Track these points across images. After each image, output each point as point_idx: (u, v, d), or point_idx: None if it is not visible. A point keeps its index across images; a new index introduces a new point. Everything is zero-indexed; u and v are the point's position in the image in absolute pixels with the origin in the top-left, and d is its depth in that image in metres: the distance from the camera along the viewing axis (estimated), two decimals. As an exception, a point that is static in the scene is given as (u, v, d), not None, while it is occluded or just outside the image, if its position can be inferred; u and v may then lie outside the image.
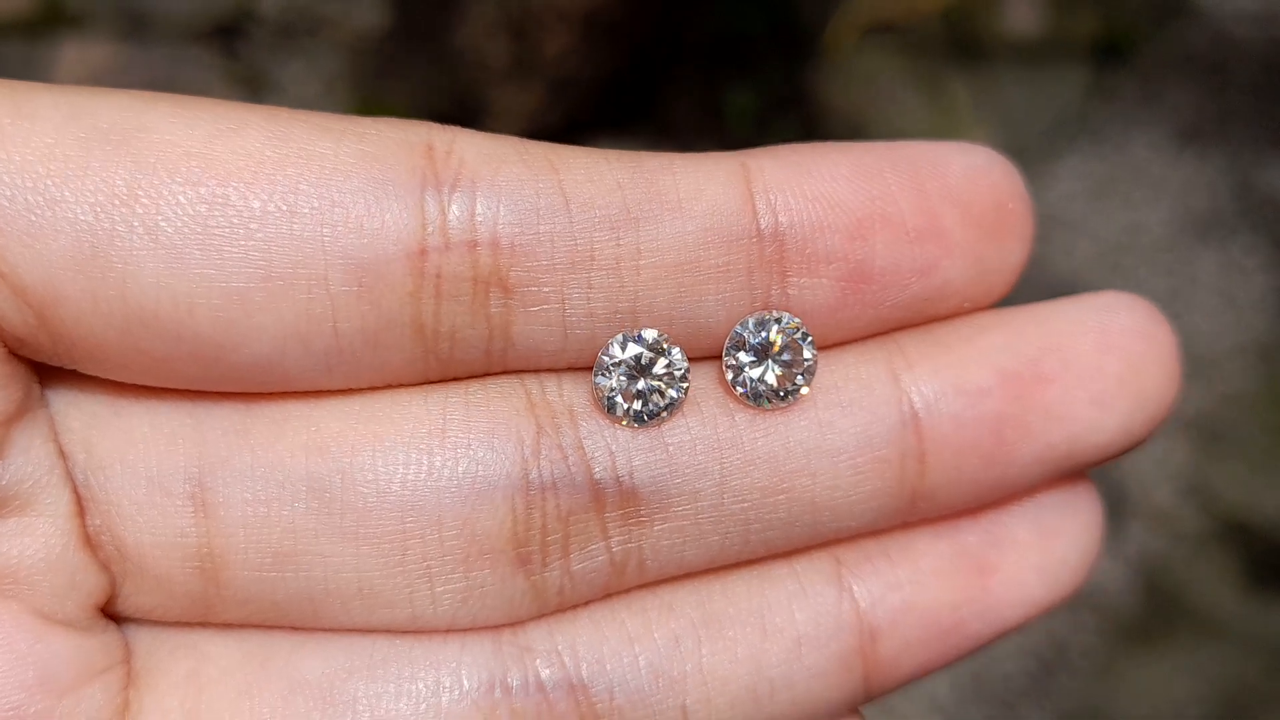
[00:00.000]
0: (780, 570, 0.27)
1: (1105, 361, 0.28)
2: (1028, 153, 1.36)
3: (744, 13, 1.41)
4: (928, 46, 1.44)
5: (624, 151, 0.25)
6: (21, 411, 0.24)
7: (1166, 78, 1.42)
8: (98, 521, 0.24)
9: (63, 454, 0.24)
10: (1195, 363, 1.25)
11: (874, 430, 0.26)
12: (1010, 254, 0.27)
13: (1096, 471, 0.30)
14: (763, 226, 0.25)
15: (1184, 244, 1.31)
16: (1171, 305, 1.27)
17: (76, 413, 0.25)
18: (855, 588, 0.27)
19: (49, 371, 0.25)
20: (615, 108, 1.34)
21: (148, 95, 0.24)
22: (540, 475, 0.25)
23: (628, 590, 0.27)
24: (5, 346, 0.23)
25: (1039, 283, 1.27)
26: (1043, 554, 0.28)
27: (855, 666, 0.27)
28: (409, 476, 0.25)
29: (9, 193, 0.22)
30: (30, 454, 0.24)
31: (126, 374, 0.24)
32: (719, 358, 0.26)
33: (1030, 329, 0.28)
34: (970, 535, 0.28)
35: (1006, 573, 0.28)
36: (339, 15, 1.38)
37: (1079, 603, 1.14)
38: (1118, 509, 1.18)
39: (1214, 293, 1.28)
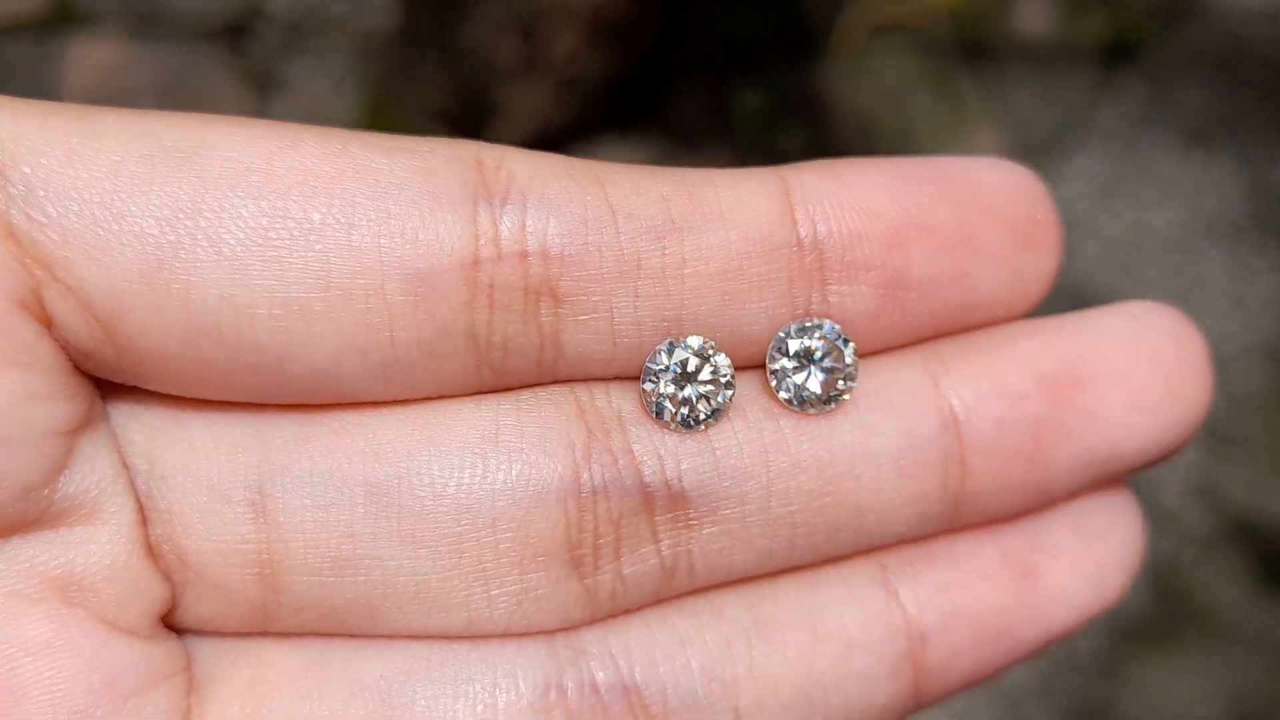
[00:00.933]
0: (828, 575, 0.28)
1: (1140, 367, 0.28)
2: (1036, 152, 1.36)
3: (752, 13, 1.41)
4: (937, 47, 1.44)
5: (667, 168, 0.26)
6: (86, 424, 0.24)
7: (1175, 78, 1.42)
8: (160, 531, 0.25)
9: (125, 465, 0.25)
10: (1204, 363, 1.24)
11: (916, 433, 0.27)
12: (1042, 263, 0.28)
13: None
14: (803, 236, 0.26)
15: (1193, 244, 1.31)
16: (1180, 306, 1.27)
17: (138, 425, 0.25)
18: (901, 591, 0.28)
19: (111, 387, 0.25)
20: (623, 108, 1.34)
21: (210, 116, 0.25)
22: (592, 479, 0.25)
23: (678, 596, 0.27)
24: (72, 360, 0.24)
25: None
26: (1086, 559, 0.29)
27: (905, 673, 0.27)
28: (464, 480, 0.25)
29: (76, 208, 0.23)
30: (95, 464, 0.24)
31: (189, 387, 0.25)
32: (762, 365, 0.27)
33: (1065, 336, 0.28)
34: (1013, 539, 0.28)
35: (1051, 577, 0.28)
36: (348, 14, 1.38)
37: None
38: (1126, 509, 1.18)
39: (1223, 293, 1.28)
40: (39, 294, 0.23)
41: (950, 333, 0.28)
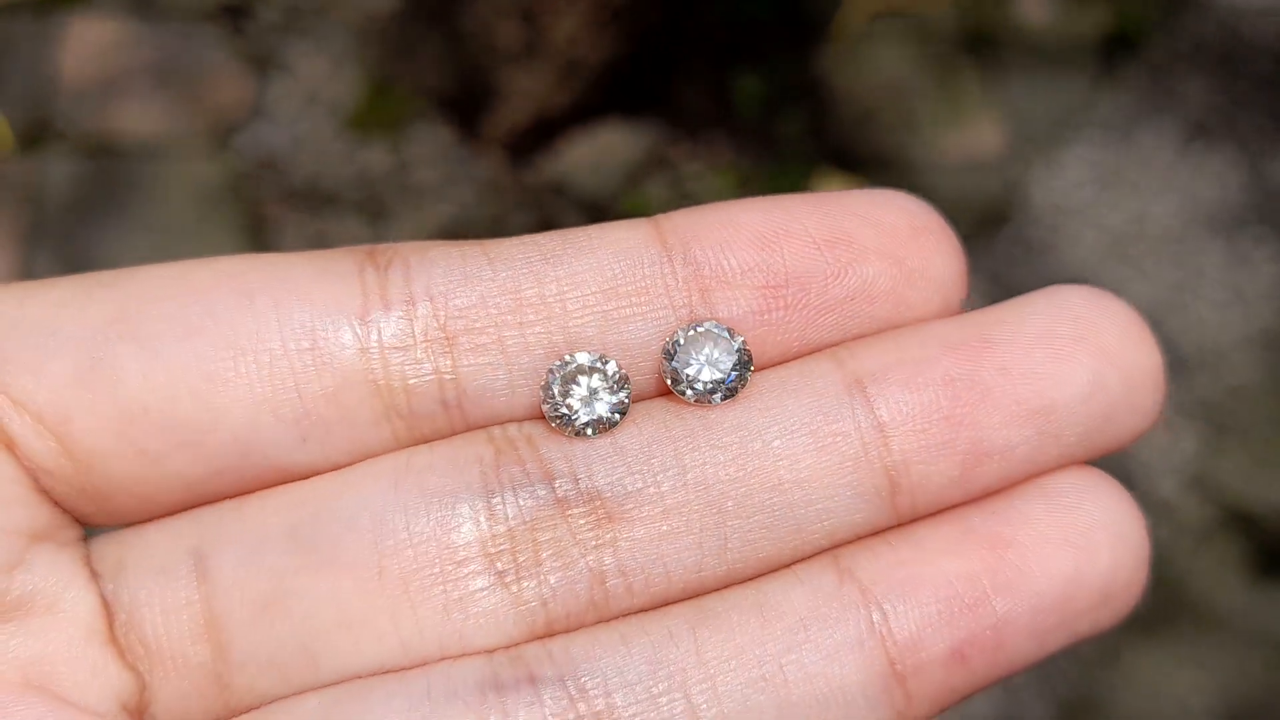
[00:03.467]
0: (774, 574, 0.27)
1: (1053, 323, 0.28)
2: (1036, 142, 1.36)
3: (753, -1, 1.41)
4: (938, 35, 1.44)
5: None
6: (47, 535, 0.27)
7: (1175, 70, 1.42)
8: (123, 619, 0.27)
9: (95, 574, 0.27)
10: (1201, 354, 1.25)
11: (823, 403, 0.27)
12: (936, 259, 0.28)
13: (1097, 463, 0.29)
14: (672, 250, 0.27)
15: (1192, 235, 1.31)
16: (1179, 296, 1.28)
17: (110, 543, 0.28)
18: (856, 571, 0.27)
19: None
20: (624, 93, 1.34)
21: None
22: (500, 484, 0.26)
23: (625, 615, 0.27)
24: (34, 477, 0.26)
25: (1046, 273, 1.27)
26: (1063, 525, 0.27)
27: (872, 648, 0.26)
28: (375, 503, 0.26)
29: (20, 335, 0.26)
30: (54, 567, 0.26)
31: (135, 484, 0.27)
32: (658, 375, 0.27)
33: (972, 314, 0.28)
34: (975, 516, 0.28)
35: (1024, 544, 0.27)
36: (348, -4, 1.38)
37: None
38: (1122, 499, 1.18)
39: (1221, 284, 1.28)
40: None
41: (862, 331, 0.28)
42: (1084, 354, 0.27)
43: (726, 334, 0.27)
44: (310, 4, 1.39)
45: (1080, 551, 0.27)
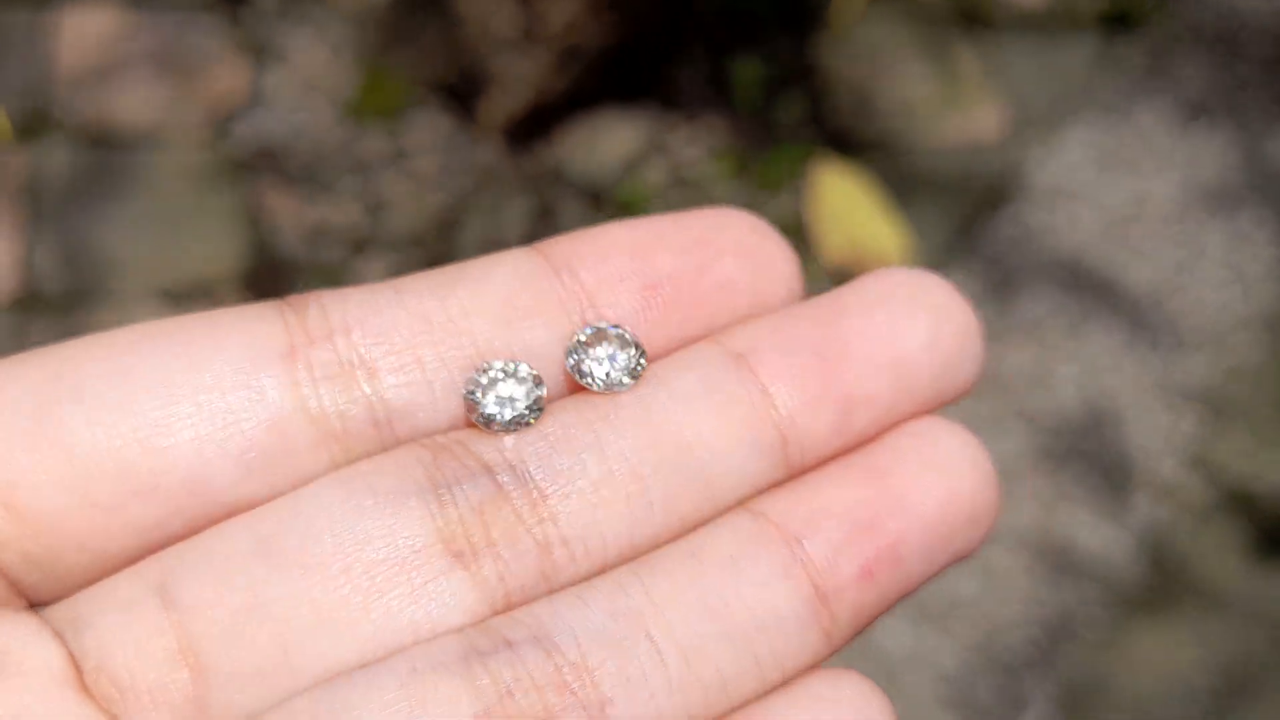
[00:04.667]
0: (699, 530, 0.30)
1: (890, 291, 0.32)
2: (1035, 123, 1.36)
3: (751, -18, 1.41)
4: (935, 17, 1.44)
5: None
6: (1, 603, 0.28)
7: (1174, 49, 1.42)
8: (92, 664, 0.27)
9: (56, 634, 0.28)
10: (1201, 334, 1.25)
11: (712, 376, 0.30)
12: (779, 255, 0.32)
13: (1098, 444, 0.31)
14: (557, 267, 0.30)
15: (1191, 216, 1.31)
16: (1179, 277, 1.28)
17: (65, 607, 0.28)
18: (766, 512, 0.30)
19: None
20: (621, 79, 1.34)
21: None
22: (445, 477, 0.28)
23: (573, 583, 0.29)
24: None
25: (1046, 254, 1.27)
26: (929, 454, 0.31)
27: (797, 574, 0.29)
28: (333, 510, 0.28)
29: None
30: (14, 630, 0.27)
31: (88, 538, 0.28)
32: (566, 376, 0.31)
33: (819, 296, 0.32)
34: (854, 458, 0.31)
35: (901, 474, 0.31)
36: (345, -17, 1.38)
37: (1083, 573, 1.14)
38: (1123, 480, 1.18)
39: (1221, 265, 1.29)
40: None
41: (723, 325, 0.32)
42: (920, 313, 0.31)
43: (617, 330, 0.30)
44: (307, -9, 1.39)
45: (948, 477, 0.31)
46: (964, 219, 1.30)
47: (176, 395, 0.28)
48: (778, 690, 0.29)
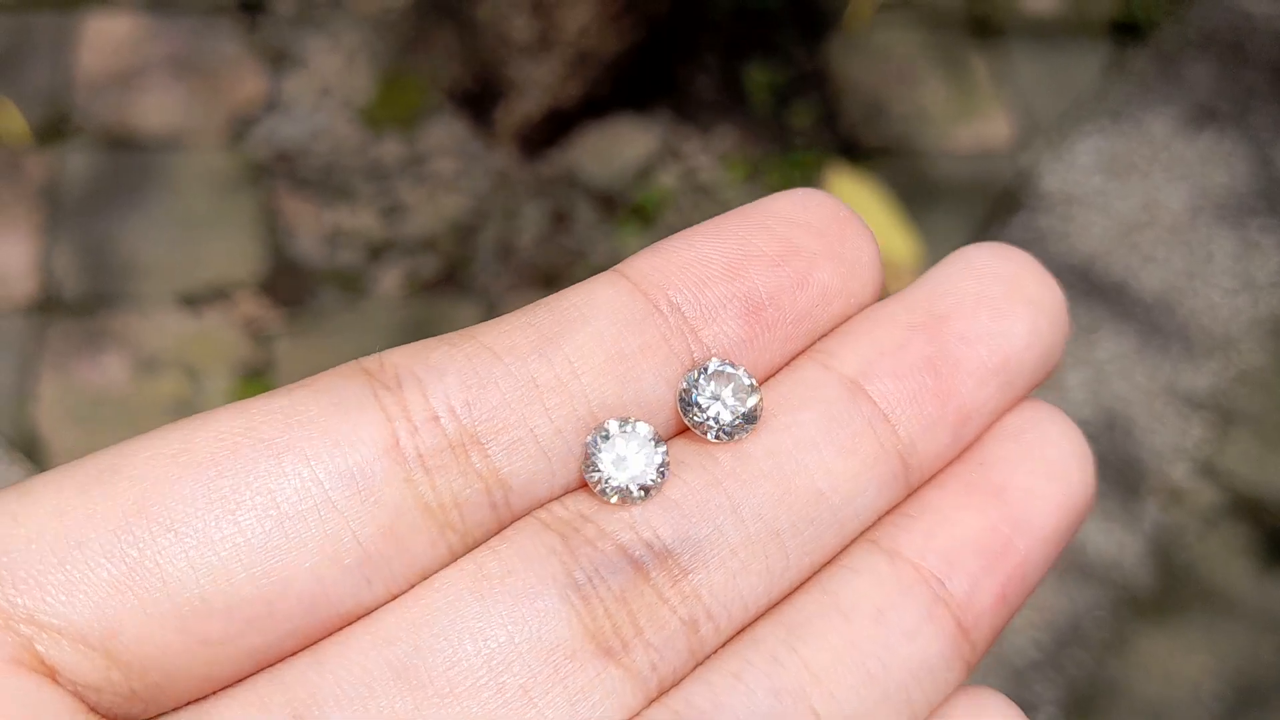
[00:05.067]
0: (829, 571, 0.29)
1: (985, 286, 0.31)
2: (1045, 130, 1.37)
3: (764, -11, 1.41)
4: (947, 23, 1.44)
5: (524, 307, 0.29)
6: None
7: (1185, 57, 1.42)
8: None
9: None
10: (1211, 341, 1.25)
11: (833, 412, 0.29)
12: (863, 248, 0.30)
13: (1108, 450, 0.31)
14: (658, 303, 0.28)
15: (1201, 223, 1.32)
16: (1188, 283, 1.28)
17: None
18: (900, 550, 0.29)
19: None
20: (636, 84, 1.35)
21: (121, 443, 0.26)
22: (582, 569, 0.27)
23: (716, 652, 0.28)
24: (85, 702, 0.25)
25: (1057, 260, 1.28)
26: (1038, 459, 0.30)
27: (941, 617, 0.29)
28: (474, 623, 0.26)
29: (38, 558, 0.24)
30: None
31: (199, 669, 0.26)
32: (680, 423, 0.29)
33: (911, 293, 0.31)
34: (967, 470, 0.30)
35: (1016, 484, 0.30)
36: (362, -10, 1.39)
37: (1093, 577, 1.14)
38: (1133, 485, 1.18)
39: (1230, 272, 1.29)
40: (32, 649, 0.24)
41: (821, 335, 0.30)
42: (1019, 308, 0.31)
43: (730, 368, 0.28)
44: (324, -2, 1.39)
45: (1064, 482, 0.30)
46: (975, 225, 1.31)
47: (283, 515, 0.25)
48: None
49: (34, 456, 1.14)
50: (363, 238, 1.27)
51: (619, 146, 1.33)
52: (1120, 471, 1.19)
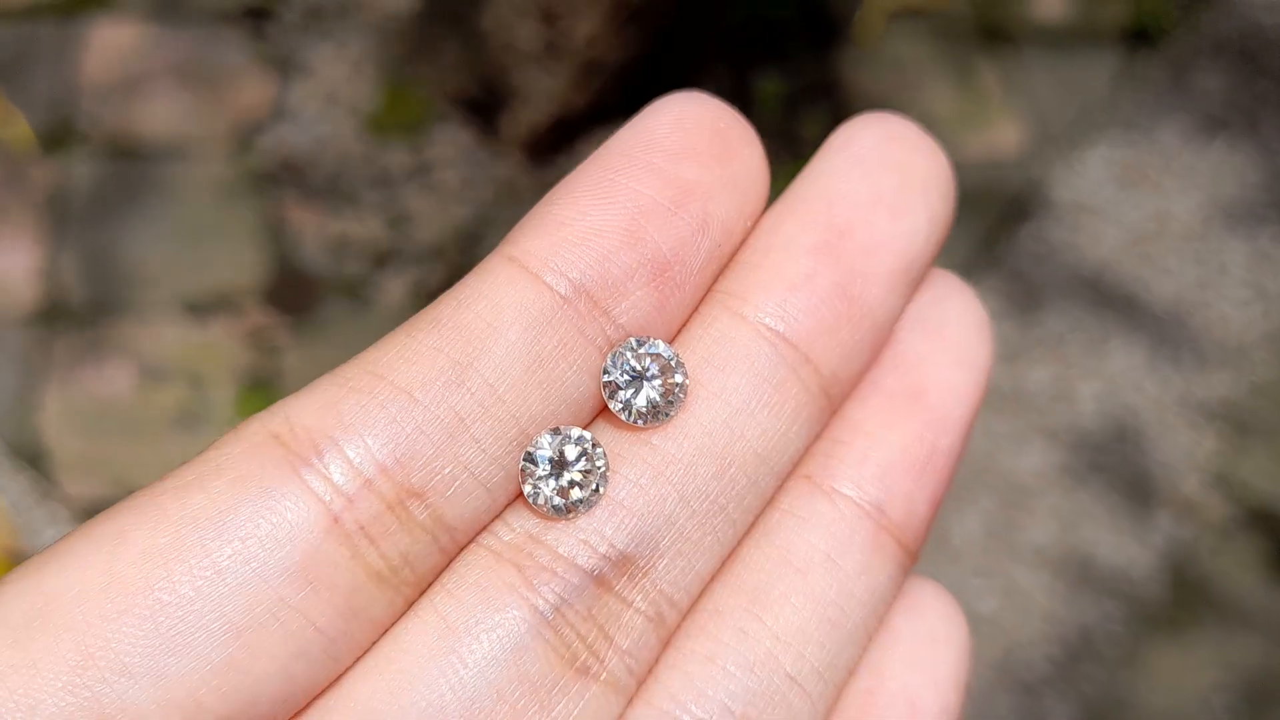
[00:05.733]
0: (773, 519, 0.29)
1: (877, 182, 0.30)
2: (1056, 139, 1.36)
3: (773, -3, 1.41)
4: (957, 32, 1.44)
5: (419, 314, 0.27)
6: None
7: (1196, 65, 1.41)
8: None
9: None
10: (1223, 351, 1.25)
11: (757, 369, 0.28)
12: (752, 162, 0.29)
13: (1119, 461, 0.31)
14: (562, 292, 0.27)
15: (1213, 232, 1.31)
16: (1200, 294, 1.27)
17: None
18: (836, 487, 0.29)
19: None
20: (643, 93, 1.34)
21: (34, 563, 0.25)
22: (547, 601, 0.26)
23: (678, 628, 0.28)
24: None
25: (1068, 270, 1.27)
26: (948, 347, 0.31)
27: (884, 543, 0.29)
28: (453, 682, 0.26)
29: None
30: None
31: None
32: (607, 412, 0.28)
33: (804, 203, 0.30)
34: (885, 378, 0.30)
35: (932, 382, 0.30)
36: (368, -3, 1.39)
37: (1104, 590, 1.14)
38: (1145, 497, 1.18)
39: (1242, 282, 1.28)
40: None
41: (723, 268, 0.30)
42: (916, 201, 0.30)
43: (647, 347, 0.28)
44: (331, 6, 1.39)
45: (970, 367, 0.31)
46: (986, 234, 1.30)
47: (236, 628, 0.24)
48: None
49: (38, 465, 1.14)
50: (368, 246, 1.26)
51: (626, 155, 1.32)
52: (1132, 483, 1.18)
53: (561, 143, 1.33)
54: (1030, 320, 1.25)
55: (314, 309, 1.24)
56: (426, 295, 1.24)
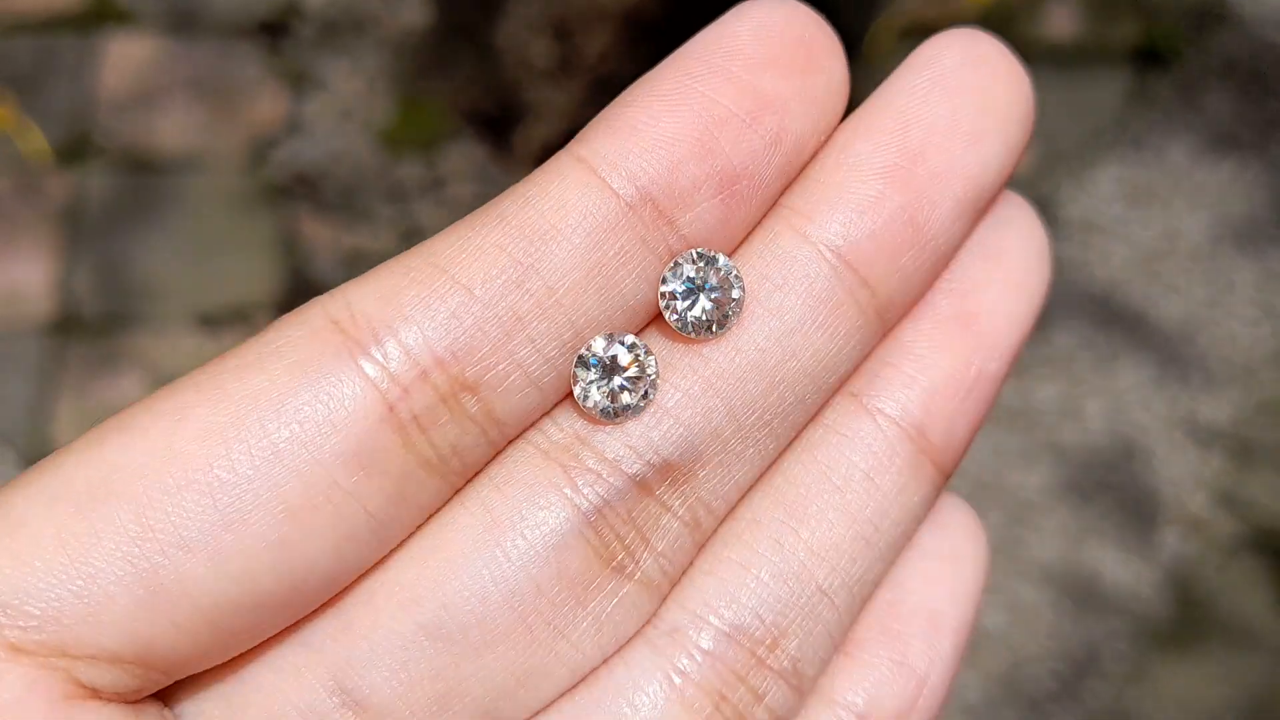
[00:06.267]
0: (816, 434, 0.30)
1: (956, 106, 0.29)
2: (1065, 157, 1.36)
3: (784, 15, 1.41)
4: (967, 51, 1.44)
5: (483, 208, 0.27)
6: None
7: (1206, 85, 1.42)
8: None
9: None
10: (1231, 370, 1.25)
11: (816, 290, 0.28)
12: (834, 75, 0.29)
13: (1126, 479, 0.32)
14: (628, 199, 0.27)
15: (1222, 252, 1.31)
16: (1209, 313, 1.27)
17: (212, 704, 0.27)
18: (882, 407, 0.30)
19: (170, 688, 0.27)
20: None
21: (96, 434, 0.25)
22: (590, 502, 0.27)
23: (714, 533, 0.29)
24: (130, 702, 0.25)
25: (1076, 288, 1.27)
26: (1005, 274, 0.31)
27: (922, 464, 0.30)
28: (496, 573, 0.26)
29: (54, 595, 0.24)
30: None
31: (236, 649, 0.26)
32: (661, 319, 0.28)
33: (878, 121, 0.29)
34: (940, 301, 0.30)
35: (985, 308, 0.30)
36: (383, 13, 1.39)
37: (1109, 608, 1.14)
38: (1151, 515, 1.18)
39: (1250, 301, 1.28)
40: (75, 678, 0.24)
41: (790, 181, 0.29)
42: (992, 129, 0.30)
43: (709, 261, 0.27)
44: (346, 22, 1.40)
45: (1024, 292, 0.31)
46: (994, 252, 1.30)
47: (292, 508, 0.25)
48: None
49: (51, 476, 1.14)
50: (382, 260, 1.26)
51: (638, 171, 1.33)
52: (1138, 501, 1.18)
53: (573, 158, 1.33)
54: (1038, 337, 1.25)
55: (326, 322, 1.24)
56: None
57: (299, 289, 1.25)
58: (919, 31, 1.44)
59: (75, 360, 1.20)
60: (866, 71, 1.41)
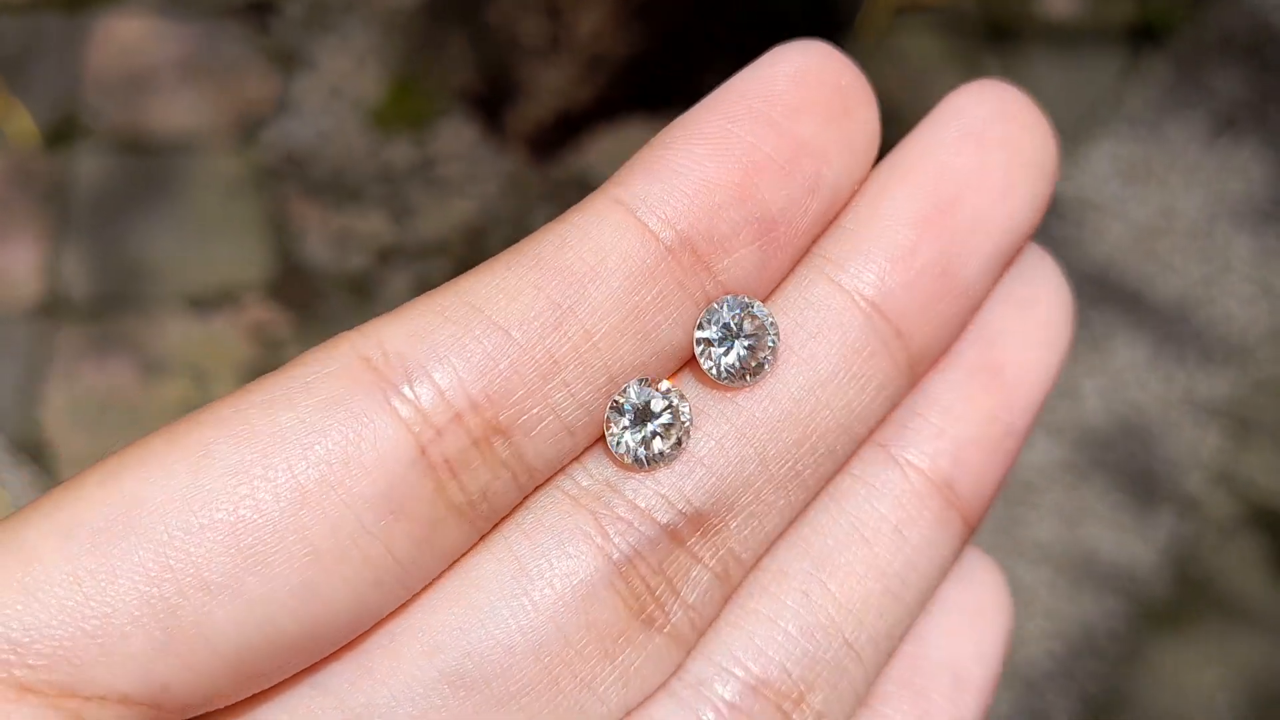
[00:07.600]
0: (844, 484, 0.29)
1: (986, 158, 0.29)
2: (1062, 135, 1.36)
3: (778, -7, 1.41)
4: (963, 28, 1.43)
5: (517, 247, 0.27)
6: None
7: (1203, 62, 1.41)
8: None
9: None
10: (1228, 348, 1.24)
11: (850, 340, 0.28)
12: (868, 121, 0.29)
13: (1123, 458, 0.31)
14: (667, 242, 0.26)
15: (1219, 229, 1.31)
16: (1206, 291, 1.27)
17: None
18: (909, 458, 0.29)
19: None
20: (648, 88, 1.34)
21: (114, 465, 0.25)
22: (621, 552, 0.26)
23: (741, 585, 0.29)
24: None
25: (1072, 267, 1.27)
26: (1031, 325, 0.31)
27: (950, 518, 0.29)
28: (522, 624, 0.26)
29: (66, 633, 0.23)
30: None
31: (250, 691, 0.25)
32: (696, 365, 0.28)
33: (911, 172, 0.29)
34: (968, 351, 0.30)
35: (1013, 359, 0.30)
36: (373, -8, 1.39)
37: (1107, 587, 1.14)
38: (1148, 494, 1.18)
39: (1248, 279, 1.28)
40: (83, 719, 0.23)
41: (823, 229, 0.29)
42: (1021, 182, 0.29)
43: (744, 308, 0.27)
44: (336, 0, 1.39)
45: (1050, 346, 0.31)
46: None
47: (318, 552, 0.24)
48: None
49: (40, 460, 1.14)
50: (373, 241, 1.26)
51: (631, 149, 1.32)
52: (1136, 480, 1.18)
53: (566, 138, 1.32)
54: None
55: (317, 304, 1.24)
56: (431, 290, 1.24)
57: (289, 270, 1.25)
58: (912, 9, 1.43)
59: (64, 343, 1.20)
60: (861, 50, 1.41)
